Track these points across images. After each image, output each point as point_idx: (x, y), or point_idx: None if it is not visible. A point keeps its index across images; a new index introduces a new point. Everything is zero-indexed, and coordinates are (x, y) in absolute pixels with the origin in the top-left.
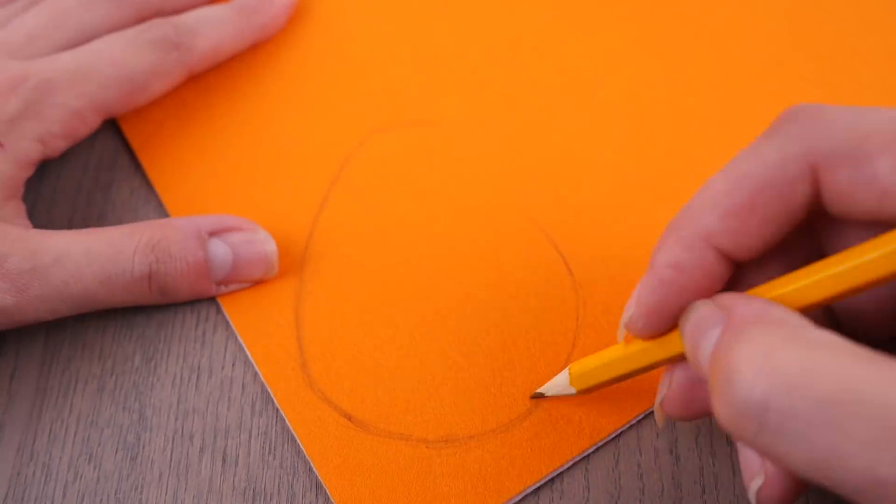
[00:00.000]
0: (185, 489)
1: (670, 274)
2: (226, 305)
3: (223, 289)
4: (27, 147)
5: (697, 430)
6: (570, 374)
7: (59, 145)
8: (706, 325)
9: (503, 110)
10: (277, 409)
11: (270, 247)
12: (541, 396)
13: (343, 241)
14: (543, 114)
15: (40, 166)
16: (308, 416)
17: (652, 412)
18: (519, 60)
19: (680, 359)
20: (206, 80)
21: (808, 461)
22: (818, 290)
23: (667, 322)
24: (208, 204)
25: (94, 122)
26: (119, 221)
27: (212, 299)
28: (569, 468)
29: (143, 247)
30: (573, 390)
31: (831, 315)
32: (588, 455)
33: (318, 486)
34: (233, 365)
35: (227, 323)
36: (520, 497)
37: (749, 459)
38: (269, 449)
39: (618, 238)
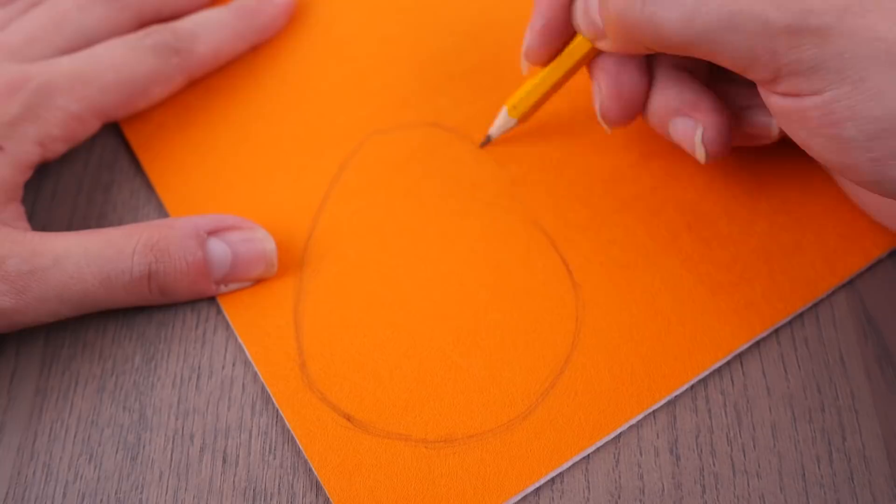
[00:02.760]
0: (186, 489)
1: None
2: (225, 305)
3: (223, 288)
4: (27, 150)
5: (698, 430)
6: (506, 108)
7: (58, 148)
8: None
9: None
10: (277, 409)
11: (269, 245)
12: (489, 140)
13: (342, 241)
14: (544, 114)
15: (40, 167)
16: (307, 417)
17: (652, 412)
18: (518, 62)
19: (584, 61)
20: (206, 81)
21: (680, 18)
22: None
23: (555, 40)
24: (208, 204)
25: (93, 125)
26: (119, 222)
27: (212, 299)
28: (569, 468)
29: (141, 247)
30: (514, 120)
31: None
32: (588, 455)
33: (319, 487)
34: (233, 365)
35: (227, 323)
36: (520, 497)
37: (683, 125)
38: (270, 449)
39: (617, 239)
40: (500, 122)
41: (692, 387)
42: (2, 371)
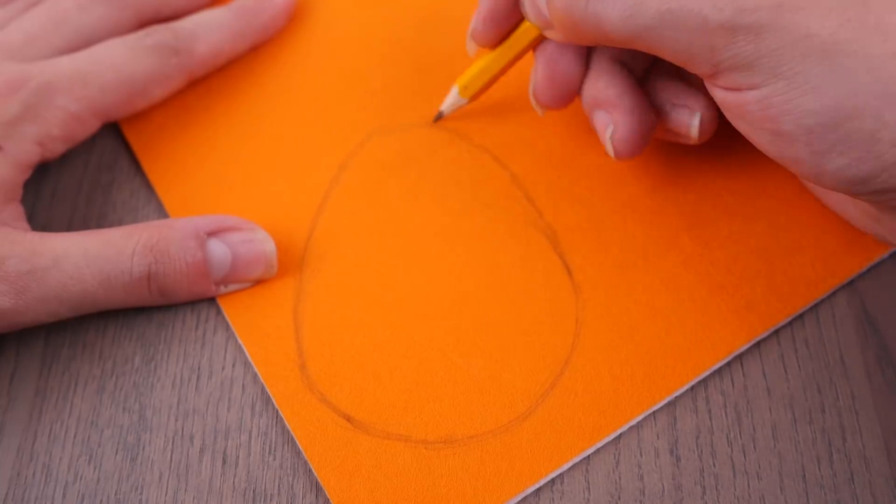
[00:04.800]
0: (186, 490)
1: None
2: (225, 306)
3: (222, 289)
4: (26, 149)
5: (698, 431)
6: (458, 87)
7: (57, 148)
8: None
9: (502, 111)
10: (277, 410)
11: (269, 246)
12: (441, 116)
13: (342, 242)
14: (547, 114)
15: (40, 167)
16: (307, 418)
17: (652, 413)
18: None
19: (532, 44)
20: (206, 82)
21: (621, 14)
22: None
23: (501, 24)
24: (208, 205)
25: (93, 125)
26: (119, 222)
27: (211, 300)
28: (569, 469)
29: (141, 247)
30: (465, 100)
31: None
32: (588, 455)
33: (319, 487)
34: (233, 366)
35: (227, 324)
36: (520, 498)
37: (601, 119)
38: (270, 450)
39: (617, 240)
40: (451, 100)
41: (692, 387)
42: (1, 372)
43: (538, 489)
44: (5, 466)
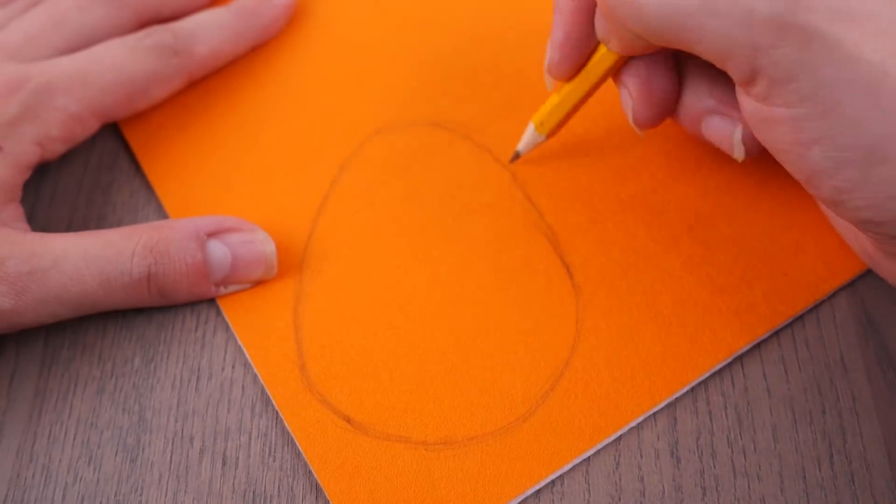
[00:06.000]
0: (185, 491)
1: (568, 4)
2: (225, 307)
3: (222, 290)
4: (26, 150)
5: (698, 433)
6: (533, 124)
7: (57, 148)
8: None
9: (503, 111)
10: (277, 411)
11: (269, 247)
12: (517, 157)
13: (342, 242)
14: None
15: (40, 167)
16: (307, 419)
17: (652, 415)
18: (518, 62)
19: (609, 73)
20: (206, 82)
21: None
22: None
23: (578, 52)
24: (208, 205)
25: (92, 126)
26: (119, 223)
27: (211, 301)
28: (569, 470)
29: (141, 248)
30: (543, 136)
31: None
32: (588, 457)
33: (319, 489)
34: (233, 367)
35: (227, 325)
36: (520, 499)
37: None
38: (269, 451)
39: (618, 241)
40: (528, 138)
41: (692, 389)
42: (1, 373)
43: (538, 490)
44: (5, 468)
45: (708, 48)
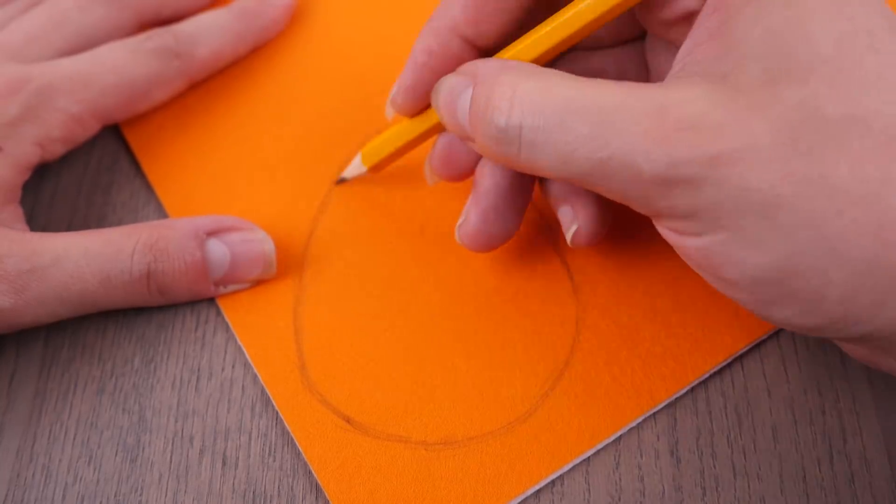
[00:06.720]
0: (185, 491)
1: (423, 58)
2: (225, 307)
3: (222, 289)
4: (26, 151)
5: (698, 433)
6: (361, 155)
7: (57, 149)
8: (458, 91)
9: None
10: (277, 412)
11: (268, 246)
12: (343, 181)
13: (342, 243)
14: None
15: (40, 168)
16: (307, 419)
17: (652, 415)
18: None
19: (439, 129)
20: (206, 83)
21: (554, 162)
22: (537, 46)
23: (422, 98)
24: (208, 205)
25: (93, 127)
26: (119, 223)
27: (211, 301)
28: (569, 470)
29: (141, 246)
30: (365, 168)
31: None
32: (588, 457)
33: (318, 489)
34: (233, 367)
35: (227, 325)
36: (520, 499)
37: (565, 215)
38: (269, 451)
39: (618, 240)
40: (354, 170)
41: (693, 389)
42: (1, 373)
43: (538, 491)
44: (5, 468)
45: (607, 195)
